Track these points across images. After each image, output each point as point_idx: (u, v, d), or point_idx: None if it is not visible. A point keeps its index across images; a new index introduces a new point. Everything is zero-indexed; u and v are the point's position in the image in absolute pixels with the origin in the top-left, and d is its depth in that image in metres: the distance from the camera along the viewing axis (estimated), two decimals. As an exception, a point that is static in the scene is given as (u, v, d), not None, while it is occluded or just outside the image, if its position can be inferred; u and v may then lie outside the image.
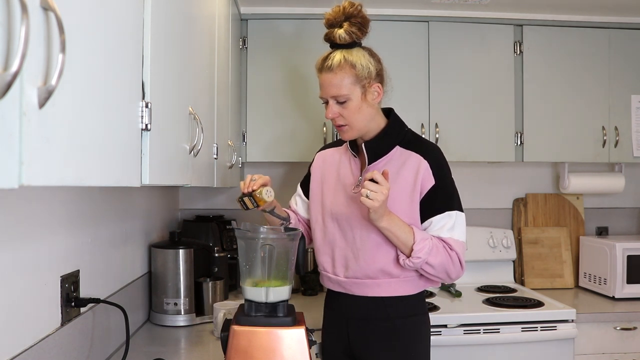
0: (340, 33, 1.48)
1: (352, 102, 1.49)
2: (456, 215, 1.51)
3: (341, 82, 1.47)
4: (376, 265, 1.52)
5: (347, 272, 1.57)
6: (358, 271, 1.55)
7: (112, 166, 0.75)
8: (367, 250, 1.53)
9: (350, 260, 1.56)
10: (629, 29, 2.56)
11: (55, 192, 1.30)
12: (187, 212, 2.74)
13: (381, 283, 1.53)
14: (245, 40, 2.45)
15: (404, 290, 1.54)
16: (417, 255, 1.44)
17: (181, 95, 1.17)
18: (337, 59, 1.48)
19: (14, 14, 0.46)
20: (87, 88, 0.64)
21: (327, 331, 1.69)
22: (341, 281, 1.59)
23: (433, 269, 1.47)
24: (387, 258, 1.52)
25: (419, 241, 1.44)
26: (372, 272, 1.53)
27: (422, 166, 1.51)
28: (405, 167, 1.52)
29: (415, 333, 1.56)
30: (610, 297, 2.44)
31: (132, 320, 1.82)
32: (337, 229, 1.59)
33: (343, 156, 1.66)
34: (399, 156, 1.55)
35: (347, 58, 1.48)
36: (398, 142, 1.56)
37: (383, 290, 1.54)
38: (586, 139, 2.53)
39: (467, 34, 2.50)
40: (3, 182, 0.46)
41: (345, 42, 1.49)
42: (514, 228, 2.82)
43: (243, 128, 2.44)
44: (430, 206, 1.51)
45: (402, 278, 1.53)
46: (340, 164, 1.65)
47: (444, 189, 1.52)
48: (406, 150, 1.55)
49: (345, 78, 1.47)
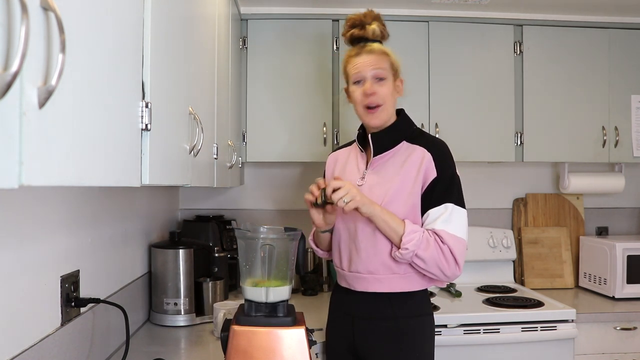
0: (375, 28, 1.61)
1: (388, 82, 1.59)
2: (452, 208, 1.49)
3: (381, 62, 1.58)
4: (376, 258, 1.54)
5: (350, 265, 1.59)
6: (360, 264, 1.56)
7: (112, 166, 0.75)
8: (367, 241, 1.55)
9: (353, 253, 1.58)
10: (629, 29, 2.56)
11: (55, 192, 1.30)
12: (187, 212, 2.74)
13: (382, 279, 1.54)
14: (245, 40, 2.45)
15: (405, 286, 1.54)
16: (405, 246, 1.44)
17: (181, 95, 1.17)
18: (376, 45, 1.60)
19: (14, 14, 0.46)
20: (87, 88, 0.64)
21: (332, 329, 1.69)
22: (347, 275, 1.61)
23: (424, 263, 1.46)
24: (385, 250, 1.53)
25: (408, 232, 1.45)
26: (372, 266, 1.54)
27: (425, 158, 1.53)
28: (409, 160, 1.55)
29: (420, 333, 1.57)
30: (610, 297, 2.44)
31: (132, 320, 1.82)
32: (342, 224, 1.62)
33: (352, 153, 1.72)
34: (404, 150, 1.59)
35: (381, 47, 1.61)
36: (405, 138, 1.60)
37: (385, 286, 1.54)
38: (586, 139, 2.53)
39: (467, 34, 2.50)
40: (3, 182, 0.46)
41: (377, 38, 1.62)
42: (514, 228, 2.82)
43: (243, 128, 2.44)
44: (429, 198, 1.52)
45: (402, 274, 1.53)
46: (348, 160, 1.71)
47: (444, 181, 1.52)
48: (412, 144, 1.59)
49: (384, 61, 1.59)
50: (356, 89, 1.59)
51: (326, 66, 2.45)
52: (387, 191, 1.54)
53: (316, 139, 2.43)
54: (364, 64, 1.57)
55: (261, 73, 2.44)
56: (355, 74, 1.59)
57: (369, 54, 1.58)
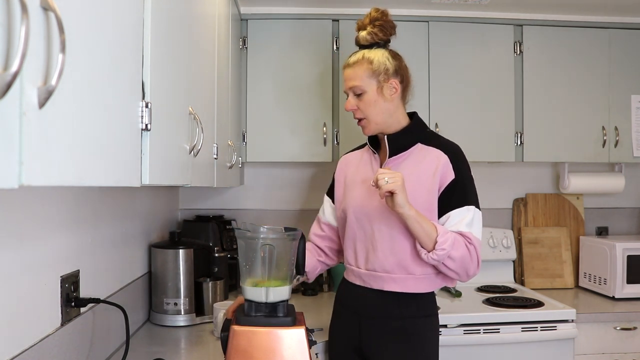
0: (363, 35, 1.62)
1: (367, 94, 1.59)
2: (474, 211, 1.53)
3: (357, 75, 1.59)
4: (393, 258, 1.55)
5: (367, 264, 1.60)
6: (377, 263, 1.57)
7: (112, 166, 0.75)
8: (385, 242, 1.56)
9: (370, 253, 1.59)
10: (629, 29, 2.56)
11: (55, 192, 1.30)
12: (187, 212, 2.74)
13: (397, 279, 1.55)
14: (245, 40, 2.45)
15: (420, 287, 1.56)
16: (441, 247, 1.44)
17: (181, 95, 1.17)
18: (357, 56, 1.61)
19: (14, 14, 0.46)
20: (87, 88, 0.64)
21: (336, 327, 1.70)
22: (362, 273, 1.61)
23: (454, 263, 1.47)
24: (403, 252, 1.54)
25: (442, 233, 1.46)
26: (389, 265, 1.56)
27: (441, 160, 1.55)
28: (425, 162, 1.57)
29: (426, 333, 1.58)
30: (610, 297, 2.44)
31: (132, 320, 1.82)
32: (356, 223, 1.63)
33: (364, 155, 1.73)
34: (419, 151, 1.60)
35: (365, 55, 1.60)
36: (419, 140, 1.62)
37: (399, 285, 1.55)
38: (586, 139, 2.53)
39: (467, 34, 2.49)
40: (3, 182, 0.46)
41: (367, 43, 1.62)
42: (514, 228, 2.82)
43: (243, 128, 2.44)
44: (449, 200, 1.53)
45: (418, 275, 1.55)
46: (360, 162, 1.72)
47: (463, 183, 1.54)
48: (426, 146, 1.61)
49: (362, 72, 1.59)
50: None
51: (326, 66, 2.45)
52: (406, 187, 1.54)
53: (316, 139, 2.43)
54: (345, 78, 1.63)
55: (261, 73, 2.44)
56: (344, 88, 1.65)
57: (348, 68, 1.62)
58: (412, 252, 1.53)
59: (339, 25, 2.45)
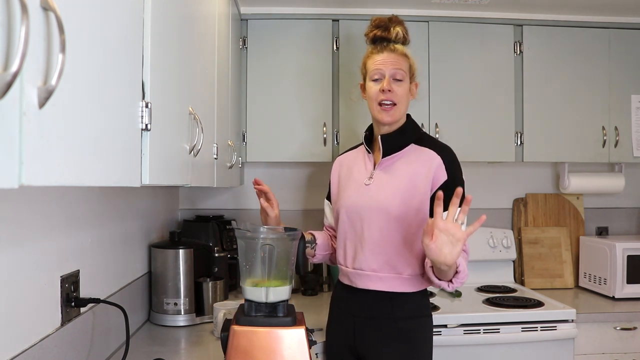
0: (398, 31, 1.64)
1: (404, 84, 1.62)
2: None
3: (400, 63, 1.61)
4: (381, 257, 1.55)
5: (354, 263, 1.61)
6: (364, 262, 1.58)
7: (112, 166, 0.75)
8: (374, 241, 1.56)
9: (358, 252, 1.60)
10: (629, 29, 2.56)
11: (55, 192, 1.30)
12: (187, 212, 2.74)
13: (384, 278, 1.56)
14: (245, 40, 2.45)
15: (405, 287, 1.56)
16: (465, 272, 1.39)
17: (181, 95, 1.17)
18: (399, 46, 1.63)
19: (14, 14, 0.46)
20: (87, 88, 0.64)
21: (332, 328, 1.71)
22: (349, 272, 1.62)
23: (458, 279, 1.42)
24: (392, 251, 1.54)
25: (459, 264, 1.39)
26: (377, 264, 1.56)
27: (435, 161, 1.56)
28: (418, 162, 1.58)
29: (419, 334, 1.58)
30: (610, 297, 2.44)
31: (132, 320, 1.82)
32: (347, 222, 1.64)
33: (358, 155, 1.75)
34: (413, 151, 1.61)
35: (405, 50, 1.65)
36: (413, 140, 1.63)
37: (385, 285, 1.55)
38: (586, 139, 2.53)
39: (467, 34, 2.49)
40: (3, 182, 0.46)
41: (400, 40, 1.64)
42: (514, 228, 2.82)
43: (243, 128, 2.44)
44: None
45: (405, 275, 1.55)
46: (355, 161, 1.74)
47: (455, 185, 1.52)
48: (420, 147, 1.61)
49: (403, 62, 1.63)
50: (373, 85, 1.62)
51: (326, 66, 2.44)
52: (398, 187, 1.56)
53: (316, 139, 2.43)
54: (385, 61, 1.61)
55: (261, 73, 2.44)
56: (375, 70, 1.62)
57: (391, 53, 1.61)
58: (402, 252, 1.53)
59: (339, 25, 2.45)
